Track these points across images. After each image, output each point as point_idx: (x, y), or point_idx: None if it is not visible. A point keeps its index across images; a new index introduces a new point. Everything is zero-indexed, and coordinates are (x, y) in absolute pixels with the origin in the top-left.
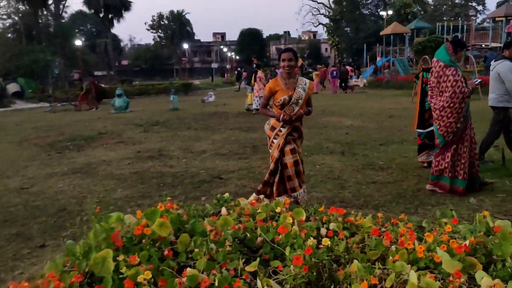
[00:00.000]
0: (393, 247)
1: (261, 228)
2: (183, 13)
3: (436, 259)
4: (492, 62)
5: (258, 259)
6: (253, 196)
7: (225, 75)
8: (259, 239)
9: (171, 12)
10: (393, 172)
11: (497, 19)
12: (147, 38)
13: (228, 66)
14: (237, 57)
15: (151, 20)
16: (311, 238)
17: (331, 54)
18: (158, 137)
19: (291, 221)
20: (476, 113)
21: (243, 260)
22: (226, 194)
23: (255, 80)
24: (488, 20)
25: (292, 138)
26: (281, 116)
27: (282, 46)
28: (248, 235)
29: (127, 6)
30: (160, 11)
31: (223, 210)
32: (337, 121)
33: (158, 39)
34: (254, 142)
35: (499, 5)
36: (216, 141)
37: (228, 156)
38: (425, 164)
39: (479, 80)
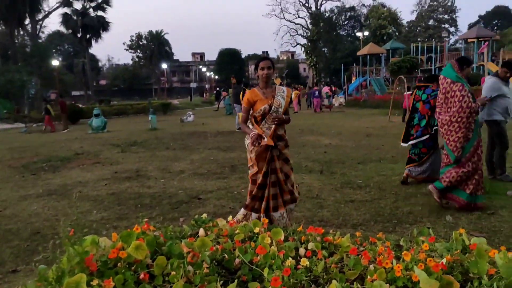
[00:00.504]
0: (372, 266)
1: (239, 249)
2: (162, 33)
3: (414, 278)
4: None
5: (236, 281)
6: (241, 211)
7: (204, 94)
8: (237, 260)
9: (150, 32)
10: (371, 190)
11: (469, 40)
12: (125, 58)
13: (207, 86)
14: (216, 77)
15: (130, 40)
16: (290, 259)
17: (309, 74)
18: (136, 157)
19: (270, 241)
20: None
21: (221, 282)
22: (204, 215)
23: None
24: (460, 41)
25: (277, 154)
26: (254, 135)
27: None
28: (226, 256)
29: (105, 27)
30: (138, 31)
31: (201, 231)
32: (316, 140)
33: (136, 59)
34: (233, 162)
35: (470, 26)
36: (194, 160)
37: (206, 176)
38: (404, 175)
39: (488, 96)
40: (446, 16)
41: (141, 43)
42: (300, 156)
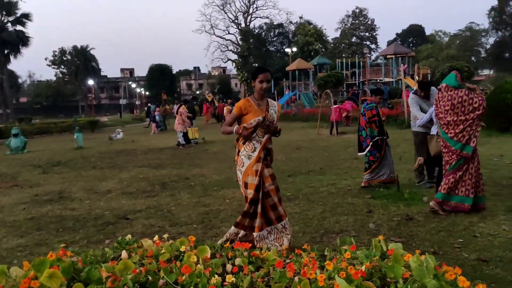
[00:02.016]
0: (297, 278)
1: (164, 270)
2: (88, 49)
3: (336, 287)
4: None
5: None
6: (232, 229)
7: (134, 111)
8: (161, 281)
9: (74, 47)
10: (300, 202)
11: (388, 56)
12: (48, 74)
13: (137, 102)
14: (147, 93)
15: (52, 56)
16: (216, 276)
17: (241, 89)
18: (59, 178)
19: (195, 259)
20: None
21: None
22: (129, 236)
23: (176, 113)
24: (381, 57)
25: (266, 163)
26: (241, 130)
27: (193, 82)
28: (150, 278)
29: (25, 42)
30: (62, 46)
31: (123, 254)
32: None
33: (60, 75)
34: (163, 179)
35: (389, 43)
36: (123, 179)
37: (135, 194)
38: (362, 183)
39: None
40: (367, 34)
41: (65, 58)
42: (232, 171)
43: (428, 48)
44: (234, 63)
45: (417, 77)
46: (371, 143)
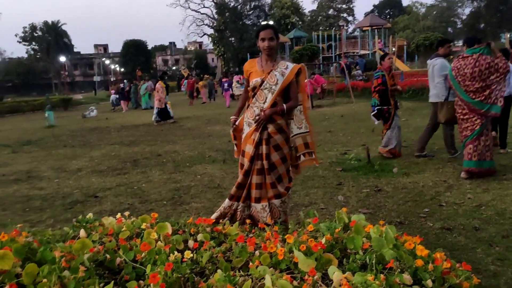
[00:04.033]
0: (257, 252)
1: (123, 248)
2: (59, 24)
3: (296, 260)
4: (428, 61)
5: (112, 282)
6: (226, 202)
7: (110, 88)
8: (119, 259)
9: (45, 23)
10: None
11: (364, 28)
12: (19, 51)
13: (112, 79)
14: (122, 69)
15: (23, 32)
16: (175, 252)
17: (218, 64)
18: (28, 158)
19: (156, 236)
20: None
21: (102, 284)
22: (90, 215)
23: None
24: (358, 30)
25: (265, 137)
26: (232, 121)
27: (169, 57)
28: (108, 256)
29: None
30: (32, 21)
31: (82, 232)
32: (222, 129)
33: (32, 52)
34: (136, 156)
35: (366, 15)
36: (94, 157)
37: (106, 172)
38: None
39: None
40: (344, 6)
41: (36, 34)
42: (205, 147)
43: (405, 20)
44: (210, 38)
45: (393, 48)
46: (373, 112)
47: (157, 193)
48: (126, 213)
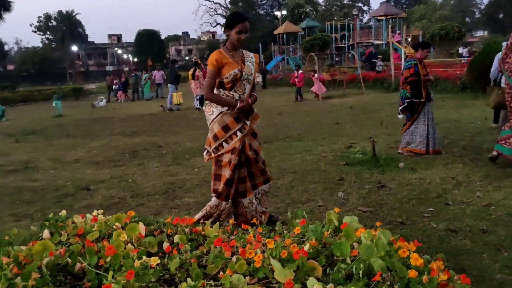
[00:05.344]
0: (234, 258)
1: (88, 251)
2: (73, 14)
3: (274, 268)
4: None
5: None
6: (213, 201)
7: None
8: (79, 265)
9: (60, 12)
10: (271, 170)
11: (378, 18)
12: (35, 40)
13: (126, 69)
14: (135, 59)
15: (37, 22)
16: (144, 257)
17: None
18: (30, 147)
19: (126, 238)
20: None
21: None
22: (63, 212)
23: (193, 78)
24: (373, 19)
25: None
26: (239, 105)
27: (182, 47)
28: (70, 260)
29: (6, 6)
30: (47, 11)
31: (45, 233)
32: None
33: (46, 42)
34: (135, 147)
35: (381, 4)
36: (93, 148)
37: (102, 164)
38: (400, 150)
39: None
40: None
41: (50, 24)
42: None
43: (421, 9)
44: (223, 28)
45: (408, 39)
46: (403, 105)
47: (150, 187)
48: (100, 211)
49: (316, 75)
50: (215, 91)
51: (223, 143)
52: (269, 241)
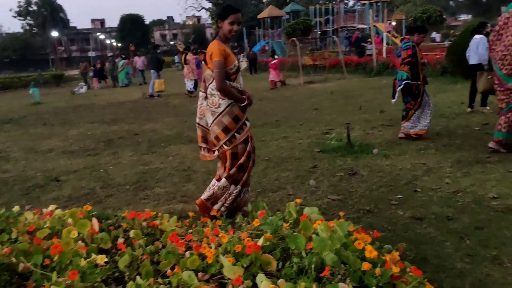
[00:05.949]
0: (188, 253)
1: (35, 249)
2: None
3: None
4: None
5: None
6: (223, 182)
7: (106, 64)
8: (22, 265)
9: None
10: None
11: (362, 1)
12: (16, 26)
13: (110, 54)
14: (119, 44)
15: (18, 6)
16: (93, 255)
17: None
18: (4, 137)
19: (76, 235)
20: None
21: None
22: (16, 207)
23: (185, 63)
24: (358, 3)
25: None
26: (246, 102)
27: (166, 32)
28: (15, 260)
29: None
30: None
31: None
32: None
33: (27, 27)
34: (111, 136)
35: None
36: (69, 137)
37: (76, 153)
38: (400, 134)
39: None
40: None
41: (31, 9)
42: (185, 125)
43: None
44: (208, 12)
45: (393, 22)
46: (400, 87)
47: (122, 177)
48: (53, 206)
49: (273, 61)
50: None
51: (235, 134)
52: (223, 236)
